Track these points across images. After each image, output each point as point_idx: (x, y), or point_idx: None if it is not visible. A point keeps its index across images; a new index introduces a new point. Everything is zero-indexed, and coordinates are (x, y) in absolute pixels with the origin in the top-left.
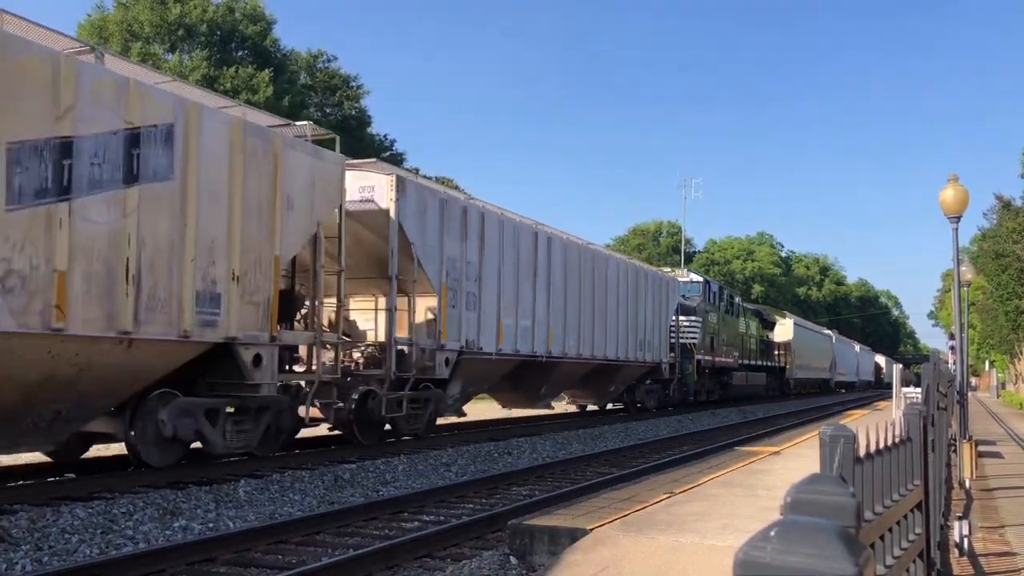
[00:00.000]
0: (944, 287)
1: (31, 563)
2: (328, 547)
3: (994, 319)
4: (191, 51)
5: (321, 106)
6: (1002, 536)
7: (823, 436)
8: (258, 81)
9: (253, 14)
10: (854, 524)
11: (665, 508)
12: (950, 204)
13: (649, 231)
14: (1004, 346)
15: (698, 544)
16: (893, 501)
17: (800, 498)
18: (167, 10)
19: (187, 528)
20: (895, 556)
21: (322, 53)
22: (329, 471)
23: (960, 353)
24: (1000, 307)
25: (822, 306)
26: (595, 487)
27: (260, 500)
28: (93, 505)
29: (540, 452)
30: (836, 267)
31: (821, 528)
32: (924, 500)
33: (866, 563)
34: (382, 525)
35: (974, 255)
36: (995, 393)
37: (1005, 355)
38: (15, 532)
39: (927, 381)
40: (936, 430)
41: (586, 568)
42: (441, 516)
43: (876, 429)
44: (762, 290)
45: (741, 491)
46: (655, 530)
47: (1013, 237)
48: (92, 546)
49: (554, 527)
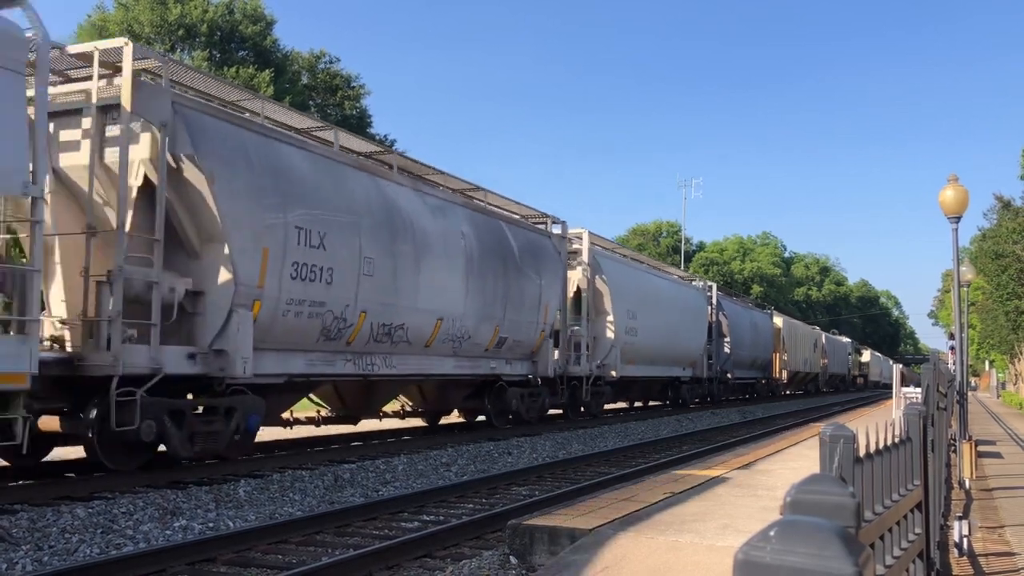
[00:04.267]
0: (944, 287)
1: (31, 563)
2: (328, 547)
3: (994, 319)
4: (191, 51)
5: (322, 106)
6: (1002, 536)
7: (823, 436)
8: (259, 81)
9: (253, 14)
10: (854, 524)
11: (665, 508)
12: (950, 204)
13: (649, 231)
14: (1004, 346)
15: (698, 544)
16: (893, 501)
17: (800, 498)
18: (167, 10)
19: (187, 528)
20: (895, 556)
21: (324, 53)
22: (329, 471)
23: (960, 353)
24: (1000, 307)
25: (822, 306)
26: (595, 487)
27: (260, 500)
28: (93, 505)
29: (540, 452)
30: (837, 268)
31: (821, 528)
32: (924, 500)
33: (866, 563)
34: (382, 525)
35: (974, 255)
36: (995, 393)
37: (1005, 355)
38: (16, 532)
39: (927, 381)
40: (936, 430)
41: (586, 568)
42: (441, 516)
43: (876, 429)
44: (761, 290)
45: (741, 491)
46: (655, 530)
47: (1013, 237)
48: (92, 546)
49: (554, 527)
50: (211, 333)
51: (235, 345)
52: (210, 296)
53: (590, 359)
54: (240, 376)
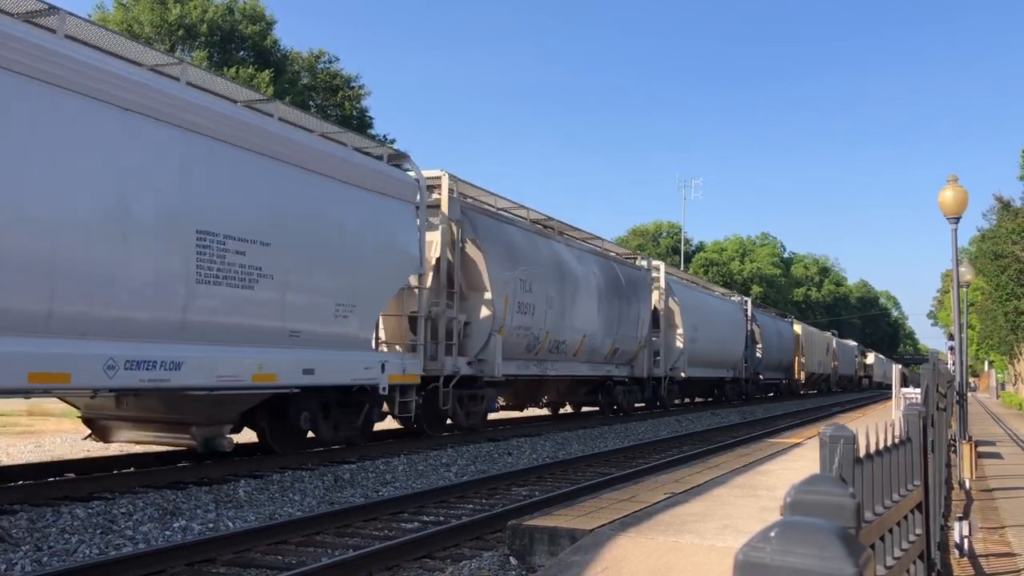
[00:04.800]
0: (943, 288)
1: (31, 563)
2: (328, 547)
3: (993, 320)
4: (191, 51)
5: (322, 107)
6: (1002, 537)
7: (823, 436)
8: (259, 82)
9: (253, 14)
10: (854, 525)
11: (665, 508)
12: (949, 205)
13: (649, 232)
14: (1003, 347)
15: (698, 545)
16: (893, 502)
17: (800, 498)
18: (167, 10)
19: (187, 528)
20: (895, 557)
21: (323, 53)
22: (329, 471)
23: (959, 354)
24: (999, 308)
25: (821, 307)
26: (595, 487)
27: (260, 500)
28: (93, 505)
29: (540, 452)
30: (836, 268)
31: (821, 529)
32: (924, 501)
33: (866, 564)
34: (382, 525)
35: (973, 256)
36: (994, 394)
37: (1004, 356)
38: (15, 532)
39: (926, 382)
40: (936, 431)
41: (586, 569)
42: (441, 516)
43: (876, 430)
44: (761, 291)
45: (741, 491)
46: (655, 530)
47: (1012, 238)
48: (92, 546)
49: (554, 528)
50: (477, 348)
51: (492, 356)
52: (475, 325)
53: (665, 364)
54: (494, 376)
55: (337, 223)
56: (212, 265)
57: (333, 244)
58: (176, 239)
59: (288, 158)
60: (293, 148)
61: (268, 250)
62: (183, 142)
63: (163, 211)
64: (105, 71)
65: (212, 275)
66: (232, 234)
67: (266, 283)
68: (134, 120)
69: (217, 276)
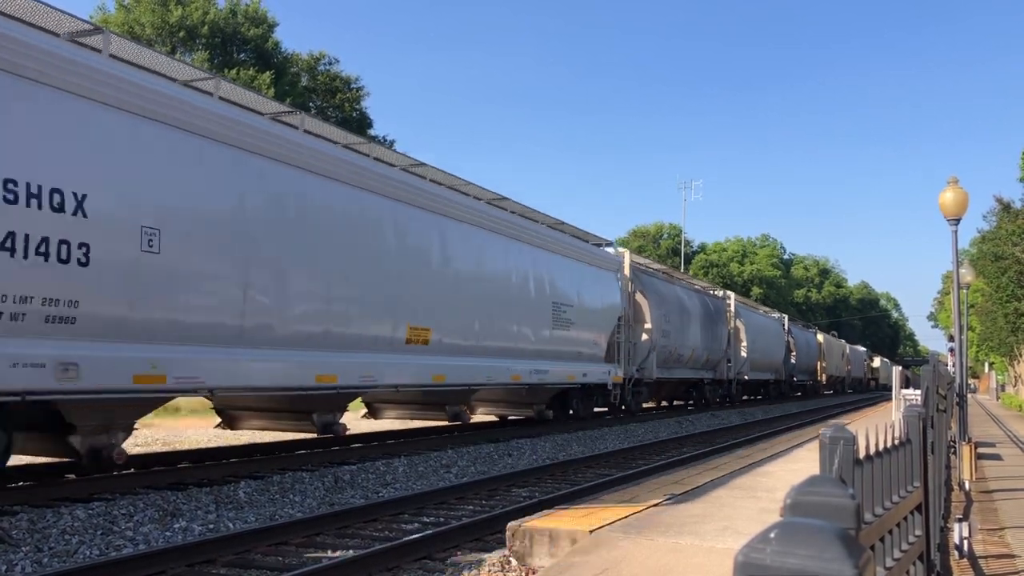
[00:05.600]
0: (944, 289)
1: (31, 564)
2: (328, 548)
3: (993, 321)
4: (192, 53)
5: (322, 108)
6: (1002, 538)
7: (823, 438)
8: (259, 83)
9: (255, 16)
10: (854, 526)
11: (665, 510)
12: (950, 206)
13: (649, 233)
14: (1003, 348)
15: (698, 546)
16: (893, 503)
17: (800, 500)
18: (168, 12)
19: (187, 529)
20: (895, 558)
21: (323, 55)
22: (329, 472)
23: (959, 355)
24: (999, 309)
25: (822, 308)
26: (595, 488)
27: (260, 501)
28: (93, 506)
29: (540, 454)
30: (836, 269)
31: (821, 530)
32: (924, 502)
33: (866, 565)
34: (382, 527)
35: (973, 257)
36: (995, 395)
37: (1004, 357)
38: (15, 533)
39: (926, 383)
40: (936, 432)
41: (586, 570)
42: (441, 518)
43: (876, 431)
44: (761, 292)
45: (741, 492)
46: (655, 532)
47: (1012, 239)
48: (92, 547)
49: (554, 529)
50: (639, 360)
51: (650, 365)
52: (639, 346)
53: (734, 369)
54: (652, 378)
55: (589, 290)
56: (557, 319)
57: (594, 303)
58: (544, 306)
59: (573, 256)
60: (567, 247)
61: (572, 309)
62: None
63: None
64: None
65: (552, 324)
66: (566, 303)
67: (572, 327)
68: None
69: (554, 323)
